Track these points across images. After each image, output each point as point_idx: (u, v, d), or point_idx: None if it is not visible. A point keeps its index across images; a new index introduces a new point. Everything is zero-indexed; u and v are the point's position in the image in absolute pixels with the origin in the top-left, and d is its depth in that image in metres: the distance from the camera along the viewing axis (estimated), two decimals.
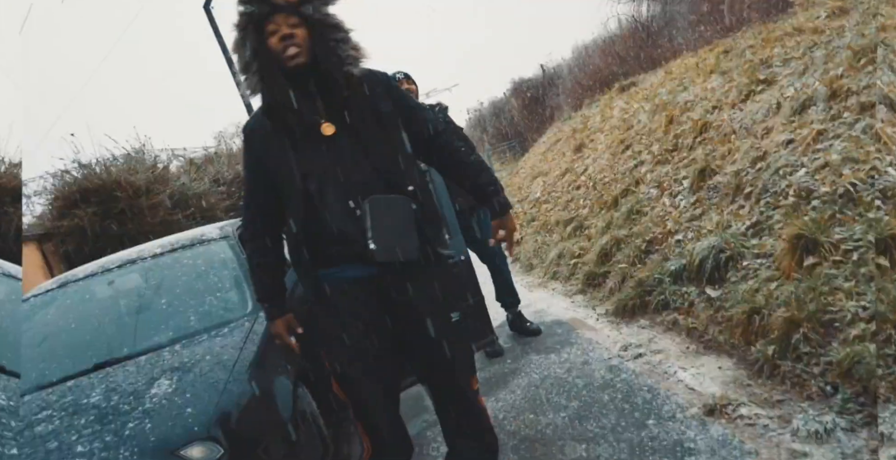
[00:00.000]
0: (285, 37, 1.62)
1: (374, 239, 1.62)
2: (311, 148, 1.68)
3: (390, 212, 1.65)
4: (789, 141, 3.29)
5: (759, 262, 2.75)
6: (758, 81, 4.31)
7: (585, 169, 6.66)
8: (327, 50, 1.65)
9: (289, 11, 1.62)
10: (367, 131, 1.70)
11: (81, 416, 1.97)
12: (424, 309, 1.75)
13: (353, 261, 1.69)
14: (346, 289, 1.74)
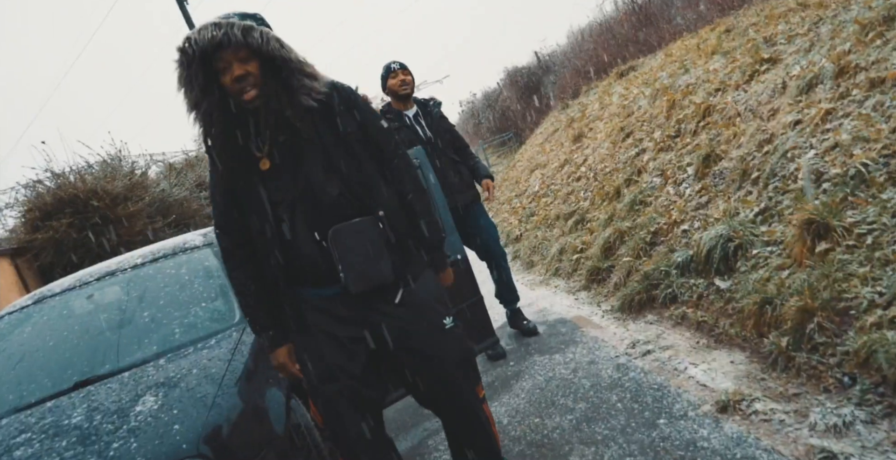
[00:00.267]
0: (239, 77, 1.58)
1: (343, 271, 1.63)
2: (270, 179, 1.69)
3: (356, 239, 1.65)
4: (797, 122, 3.29)
5: (769, 250, 2.75)
6: (762, 61, 4.31)
7: (585, 159, 6.67)
8: (280, 83, 1.62)
9: (235, 46, 1.56)
10: (330, 155, 1.69)
11: (63, 438, 1.95)
12: (411, 321, 1.74)
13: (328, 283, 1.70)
14: (321, 307, 1.73)
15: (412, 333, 1.74)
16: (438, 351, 1.75)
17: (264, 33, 1.59)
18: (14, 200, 7.53)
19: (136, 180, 7.96)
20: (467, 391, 1.80)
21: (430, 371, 1.76)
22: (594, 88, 10.06)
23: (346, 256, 1.63)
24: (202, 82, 1.60)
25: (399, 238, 1.74)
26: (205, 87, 1.61)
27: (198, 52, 1.57)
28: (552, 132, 10.27)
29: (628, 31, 10.79)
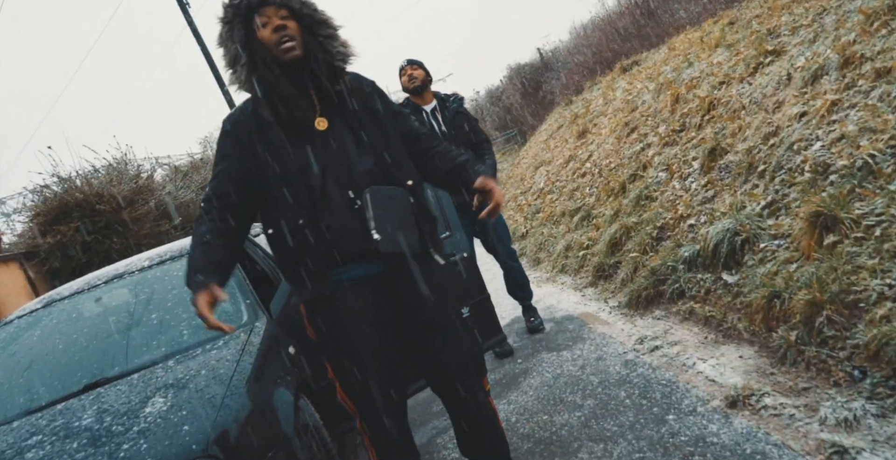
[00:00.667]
0: (279, 28, 1.65)
1: (377, 229, 1.64)
2: (308, 142, 1.71)
3: (391, 202, 1.68)
4: (802, 114, 3.27)
5: (776, 244, 2.74)
6: (766, 53, 4.29)
7: (590, 155, 6.65)
8: (319, 45, 1.69)
9: (278, 4, 1.66)
10: (363, 126, 1.74)
11: (73, 440, 1.96)
12: (433, 304, 1.76)
13: (356, 259, 1.71)
14: (351, 289, 1.74)
15: (433, 316, 1.76)
16: (452, 337, 1.78)
17: (308, 1, 1.71)
18: (22, 205, 7.59)
19: (142, 183, 8.00)
20: (475, 381, 1.83)
21: (445, 357, 1.78)
22: (598, 84, 10.04)
23: (380, 215, 1.65)
24: (242, 37, 1.66)
25: (425, 211, 1.78)
26: (245, 42, 1.67)
27: (244, 6, 1.65)
28: (556, 129, 10.24)
29: (631, 25, 10.75)
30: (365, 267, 1.73)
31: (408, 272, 1.75)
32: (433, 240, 1.80)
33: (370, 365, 1.74)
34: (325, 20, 1.72)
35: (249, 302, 2.62)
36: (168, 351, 2.44)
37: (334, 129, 1.72)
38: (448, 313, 1.79)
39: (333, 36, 1.72)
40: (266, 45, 1.66)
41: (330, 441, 2.38)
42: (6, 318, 3.11)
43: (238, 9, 1.66)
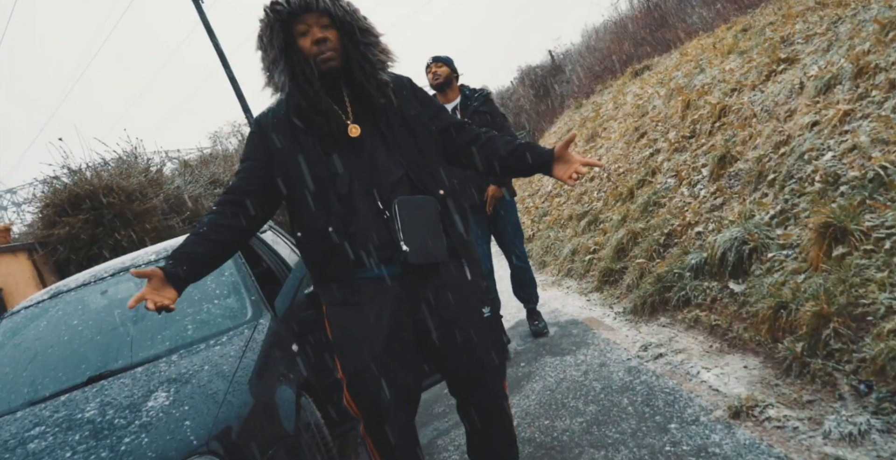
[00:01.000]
0: (319, 41, 1.64)
1: (405, 240, 1.64)
2: (339, 149, 1.71)
3: (419, 213, 1.68)
4: (814, 123, 3.25)
5: (784, 254, 2.72)
6: (779, 60, 4.26)
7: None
8: (359, 54, 1.68)
9: (321, 11, 1.64)
10: (395, 135, 1.73)
11: (76, 432, 1.97)
12: (456, 305, 1.75)
13: (386, 262, 1.70)
14: (371, 288, 1.73)
15: (455, 317, 1.74)
16: (477, 338, 1.76)
17: (349, 4, 1.69)
18: (32, 196, 7.62)
19: (152, 177, 8.03)
20: (497, 382, 1.80)
21: (467, 358, 1.76)
22: (608, 88, 10.00)
23: (409, 227, 1.65)
24: (281, 43, 1.66)
25: (456, 219, 1.76)
26: (284, 47, 1.66)
27: (285, 13, 1.64)
28: (566, 131, 10.22)
29: (643, 29, 10.71)
30: (386, 268, 1.72)
31: (432, 276, 1.73)
32: (462, 247, 1.78)
33: (383, 364, 1.72)
34: (367, 28, 1.70)
35: (254, 298, 2.62)
36: (172, 346, 2.45)
37: (366, 137, 1.72)
38: (473, 313, 1.77)
39: (375, 43, 1.71)
40: (305, 54, 1.66)
41: (331, 440, 2.38)
42: (13, 309, 3.13)
43: (280, 14, 1.65)
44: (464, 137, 1.83)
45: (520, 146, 1.80)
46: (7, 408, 2.37)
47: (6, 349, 2.80)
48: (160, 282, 1.69)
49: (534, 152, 1.78)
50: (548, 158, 1.76)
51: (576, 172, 1.71)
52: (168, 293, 1.68)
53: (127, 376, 2.27)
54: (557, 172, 1.75)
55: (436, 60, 3.60)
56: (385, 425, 1.75)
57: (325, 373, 2.59)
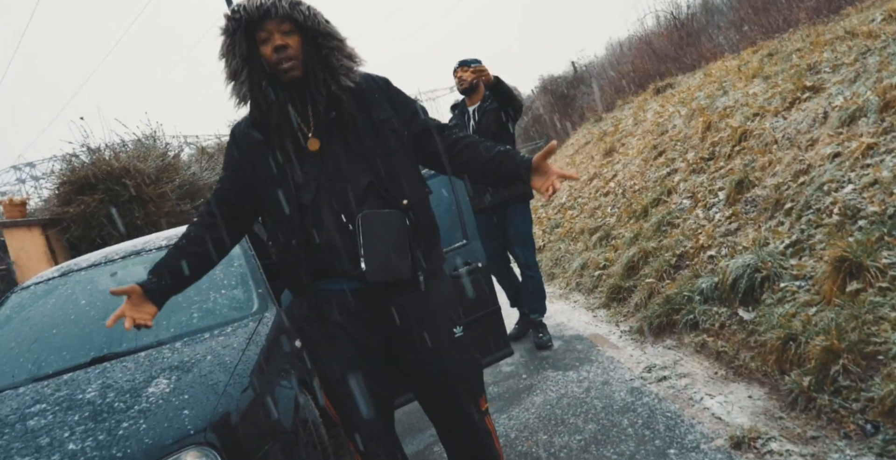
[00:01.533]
0: (279, 47, 1.59)
1: (365, 257, 1.61)
2: (303, 160, 1.68)
3: (383, 229, 1.64)
4: (836, 154, 3.21)
5: (797, 285, 2.68)
6: (804, 88, 4.23)
7: (615, 175, 6.59)
8: (321, 61, 1.63)
9: (281, 17, 1.58)
10: (362, 142, 1.68)
11: (76, 412, 1.97)
12: (421, 324, 1.72)
13: (346, 275, 1.68)
14: (337, 302, 1.72)
15: (421, 339, 1.72)
16: (443, 361, 1.73)
17: (310, 9, 1.62)
18: (50, 171, 7.66)
19: (169, 161, 8.05)
20: (468, 403, 1.77)
21: (433, 379, 1.74)
22: (629, 103, 9.96)
23: (370, 243, 1.62)
24: (244, 51, 1.62)
25: (422, 232, 1.72)
26: (247, 56, 1.62)
27: (244, 20, 1.59)
28: (583, 144, 10.18)
29: (668, 47, 10.67)
30: (350, 280, 1.69)
31: (396, 293, 1.71)
32: (427, 265, 1.73)
33: (347, 383, 1.72)
34: (329, 32, 1.64)
35: (261, 291, 2.62)
36: (177, 333, 2.45)
37: (327, 150, 1.68)
38: (438, 336, 1.73)
39: (339, 48, 1.65)
40: (265, 63, 1.62)
41: (326, 439, 2.37)
42: (24, 283, 3.14)
43: (239, 22, 1.59)
44: (441, 142, 1.75)
45: (498, 154, 1.71)
46: (10, 383, 2.38)
47: (13, 323, 2.81)
48: (139, 298, 1.71)
49: (512, 161, 1.69)
50: (526, 168, 1.67)
51: (552, 186, 1.62)
52: (147, 308, 1.71)
53: (130, 360, 2.27)
54: (535, 183, 1.66)
55: (462, 65, 3.60)
56: (358, 433, 1.75)
57: None
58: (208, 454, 1.73)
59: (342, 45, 1.66)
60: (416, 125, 1.76)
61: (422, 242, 1.72)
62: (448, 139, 1.76)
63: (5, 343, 2.70)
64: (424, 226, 1.73)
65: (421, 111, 1.81)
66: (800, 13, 7.46)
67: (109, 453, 1.71)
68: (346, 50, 1.67)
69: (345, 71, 1.65)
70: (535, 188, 1.67)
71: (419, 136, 1.76)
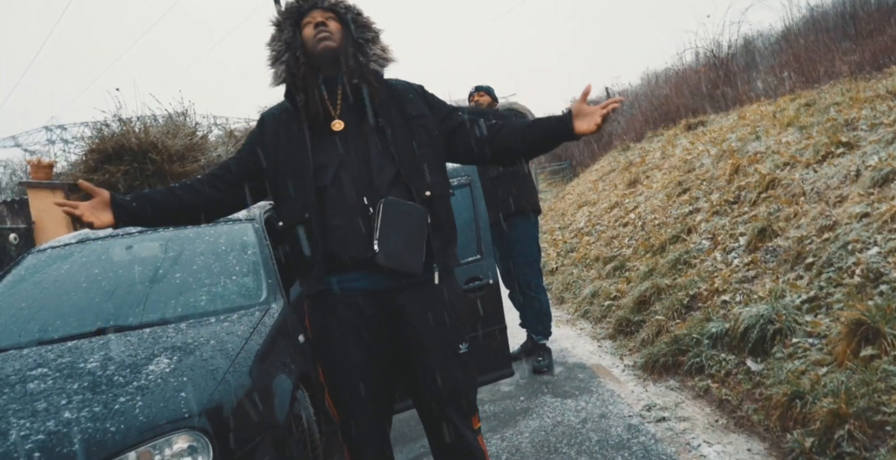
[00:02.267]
0: (318, 24, 1.73)
1: (379, 240, 1.62)
2: (329, 141, 1.73)
3: (404, 218, 1.66)
4: (864, 214, 3.18)
5: (810, 342, 2.65)
6: (838, 143, 4.19)
7: (636, 206, 6.56)
8: (356, 45, 1.75)
9: (325, 7, 1.76)
10: (391, 131, 1.74)
11: (75, 381, 1.98)
12: (430, 336, 1.73)
13: (359, 266, 1.69)
14: (350, 300, 1.73)
15: (425, 351, 1.73)
16: (442, 377, 1.73)
17: (353, 5, 1.80)
18: (80, 137, 7.76)
19: (196, 141, 8.13)
20: (461, 420, 1.77)
21: (429, 393, 1.75)
22: (659, 136, 9.92)
23: (387, 229, 1.63)
24: (289, 37, 1.75)
25: (441, 229, 1.74)
26: (290, 41, 1.75)
27: (294, 10, 1.77)
28: (608, 172, 10.16)
29: (705, 84, 10.63)
30: (367, 279, 1.70)
31: (412, 298, 1.72)
32: (441, 262, 1.74)
33: (354, 387, 1.74)
34: (366, 24, 1.79)
35: (271, 282, 2.61)
36: (183, 313, 2.45)
37: (353, 132, 1.73)
38: (443, 350, 1.74)
39: (374, 39, 1.78)
40: (306, 42, 1.74)
41: (318, 438, 2.36)
42: (41, 246, 3.17)
43: (290, 12, 1.77)
44: (480, 129, 1.82)
45: (532, 121, 1.80)
46: (16, 343, 2.39)
47: (26, 284, 2.84)
48: (102, 203, 1.73)
49: (549, 119, 1.76)
50: (566, 119, 1.71)
51: (600, 118, 1.66)
52: (104, 216, 1.72)
53: (134, 335, 2.28)
54: (580, 127, 1.69)
55: (478, 90, 3.84)
56: (359, 432, 1.76)
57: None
58: (199, 439, 1.72)
59: (377, 37, 1.79)
60: (455, 118, 1.84)
61: (440, 238, 1.74)
62: (486, 124, 1.83)
63: (16, 302, 2.72)
64: (443, 223, 1.76)
65: (456, 109, 1.90)
66: (842, 66, 7.40)
67: (103, 426, 1.72)
68: (381, 43, 1.80)
69: (375, 58, 1.76)
70: (580, 131, 1.70)
71: (459, 128, 1.82)
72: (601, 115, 1.66)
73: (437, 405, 1.76)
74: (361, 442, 1.78)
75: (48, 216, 6.75)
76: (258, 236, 2.86)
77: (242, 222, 2.97)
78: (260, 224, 2.96)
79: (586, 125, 1.69)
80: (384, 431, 1.82)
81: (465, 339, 1.81)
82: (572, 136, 1.73)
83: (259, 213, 3.06)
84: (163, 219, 1.86)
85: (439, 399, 1.75)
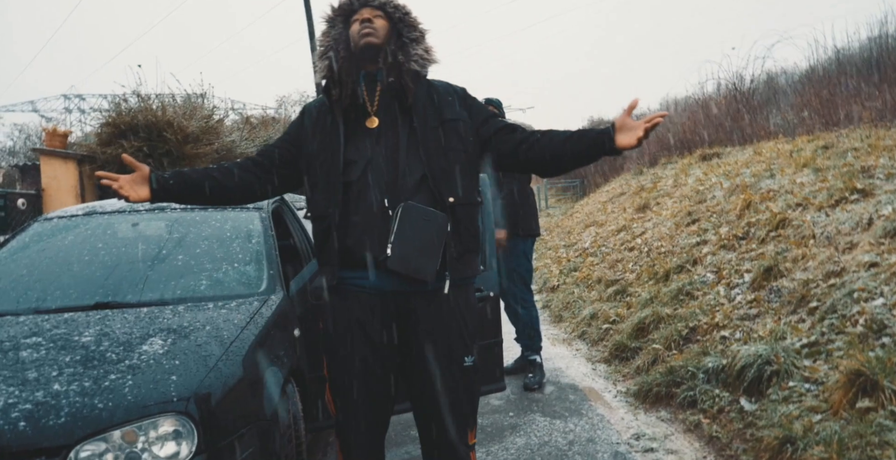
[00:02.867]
0: (365, 19, 1.76)
1: (393, 244, 1.63)
2: (363, 138, 1.74)
3: (422, 224, 1.65)
4: (873, 264, 3.16)
5: (806, 387, 2.63)
6: (853, 189, 4.17)
7: (644, 232, 6.55)
8: (399, 44, 1.78)
9: (374, 5, 1.80)
10: (423, 133, 1.74)
11: (68, 354, 1.97)
12: (436, 344, 1.73)
13: (373, 265, 1.69)
14: (362, 297, 1.73)
15: (430, 359, 1.72)
16: (445, 388, 1.73)
17: (402, 5, 1.84)
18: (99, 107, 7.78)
19: (212, 124, 8.15)
20: (459, 433, 1.77)
21: (429, 403, 1.75)
22: (673, 163, 9.91)
23: (403, 233, 1.64)
24: (337, 34, 1.81)
25: (461, 238, 1.74)
26: (338, 37, 1.81)
27: (346, 6, 1.81)
28: (618, 194, 10.15)
29: (723, 116, 10.61)
30: (379, 278, 1.70)
31: (424, 304, 1.72)
32: (455, 273, 1.72)
33: (355, 382, 1.74)
34: (413, 23, 1.81)
35: (272, 273, 2.61)
36: (182, 296, 2.45)
37: (386, 130, 1.75)
38: (448, 360, 1.74)
39: (418, 40, 1.81)
40: (351, 36, 1.78)
41: (304, 433, 2.35)
42: (48, 214, 3.17)
43: (342, 9, 1.82)
44: (518, 136, 1.82)
45: (574, 132, 1.77)
46: (13, 309, 2.39)
47: (29, 251, 2.84)
48: (141, 178, 1.78)
49: (591, 130, 1.75)
50: (609, 132, 1.69)
51: (642, 131, 1.62)
52: (141, 191, 1.77)
53: (131, 313, 2.28)
54: (622, 141, 1.66)
55: (489, 102, 3.81)
56: (355, 429, 1.77)
57: (319, 367, 2.57)
58: (185, 424, 1.72)
59: (421, 37, 1.82)
60: (494, 124, 1.85)
61: (457, 247, 1.72)
62: (525, 133, 1.83)
63: (17, 269, 2.72)
64: (464, 231, 1.74)
65: (494, 115, 1.91)
66: (863, 112, 7.39)
67: (91, 401, 1.71)
68: (426, 44, 1.82)
69: (416, 58, 1.78)
70: (621, 145, 1.67)
71: (498, 133, 1.83)
72: (644, 128, 1.63)
73: (436, 415, 1.75)
74: (355, 439, 1.78)
75: (58, 184, 6.77)
76: (264, 226, 2.86)
77: (250, 210, 2.97)
78: (267, 214, 2.95)
79: (628, 139, 1.66)
80: (379, 430, 1.82)
81: (472, 352, 1.80)
82: (614, 150, 1.70)
83: (267, 203, 3.06)
84: (196, 199, 1.88)
85: (438, 409, 1.74)
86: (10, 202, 6.27)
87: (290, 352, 2.38)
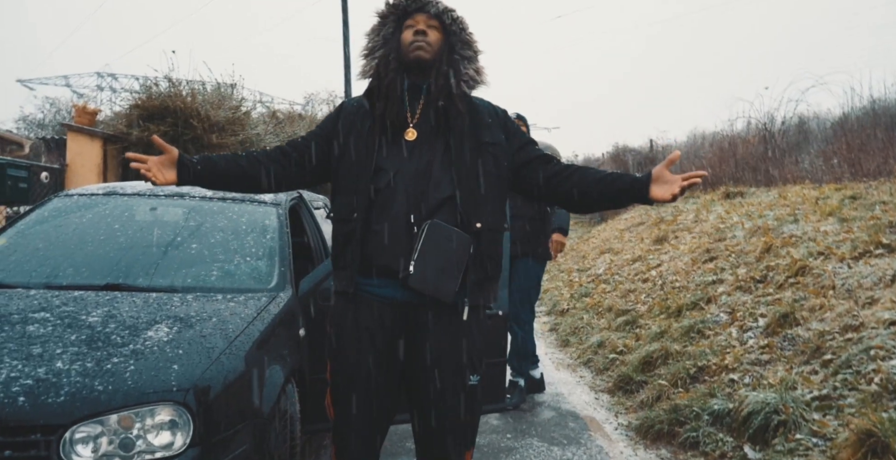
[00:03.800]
0: (419, 31, 1.71)
1: (415, 262, 1.61)
2: (397, 147, 1.73)
3: (445, 244, 1.64)
4: (893, 322, 3.11)
5: (814, 441, 2.58)
6: (879, 243, 4.11)
7: (659, 264, 6.49)
8: (450, 62, 1.72)
9: (432, 14, 1.74)
10: (459, 153, 1.72)
11: (74, 332, 1.98)
12: (443, 360, 1.71)
13: (389, 276, 1.68)
14: (375, 306, 1.72)
15: (435, 375, 1.71)
16: (447, 405, 1.72)
17: (460, 18, 1.77)
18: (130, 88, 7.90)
19: (239, 115, 8.23)
20: (457, 453, 1.76)
21: (430, 419, 1.74)
22: (695, 198, 9.84)
23: (425, 252, 1.62)
24: (388, 34, 1.75)
25: (484, 262, 1.72)
26: (388, 38, 1.75)
27: (401, 8, 1.76)
28: (637, 223, 10.08)
29: (751, 155, 10.54)
30: (395, 289, 1.70)
31: (435, 319, 1.71)
32: (473, 296, 1.71)
33: (355, 389, 1.73)
34: (467, 41, 1.76)
35: (283, 270, 2.62)
36: (192, 285, 2.46)
37: (423, 144, 1.72)
38: (453, 377, 1.73)
39: (471, 59, 1.76)
40: (402, 44, 1.72)
41: (299, 435, 2.34)
42: (69, 191, 3.20)
43: (396, 9, 1.75)
44: (551, 168, 1.79)
45: (610, 173, 1.76)
46: (25, 282, 2.41)
47: (46, 226, 2.87)
48: (170, 161, 1.76)
49: (626, 176, 1.73)
50: (644, 181, 1.67)
51: (678, 188, 1.61)
52: (168, 174, 1.75)
53: (140, 297, 2.29)
54: (656, 193, 1.65)
55: (518, 117, 3.83)
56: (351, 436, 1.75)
57: (321, 368, 2.56)
58: (182, 415, 1.72)
59: (475, 57, 1.77)
60: (530, 152, 1.82)
61: (477, 273, 1.71)
62: (559, 166, 1.81)
63: (33, 242, 2.74)
64: (486, 258, 1.73)
65: (531, 142, 1.88)
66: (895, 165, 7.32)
67: (91, 383, 1.72)
68: (478, 64, 1.77)
69: (467, 79, 1.74)
70: (655, 197, 1.66)
71: (532, 162, 1.81)
72: (681, 186, 1.62)
73: (436, 432, 1.74)
74: (351, 446, 1.77)
75: (82, 160, 6.86)
76: (280, 222, 2.87)
77: (267, 205, 2.98)
78: (284, 210, 2.97)
79: (662, 192, 1.65)
80: (376, 439, 1.80)
81: (479, 371, 1.78)
82: (646, 200, 1.69)
83: (285, 199, 3.07)
84: (223, 185, 1.88)
85: (439, 426, 1.73)
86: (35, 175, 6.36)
87: (293, 352, 2.37)
